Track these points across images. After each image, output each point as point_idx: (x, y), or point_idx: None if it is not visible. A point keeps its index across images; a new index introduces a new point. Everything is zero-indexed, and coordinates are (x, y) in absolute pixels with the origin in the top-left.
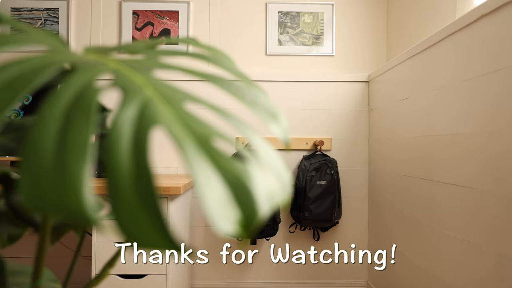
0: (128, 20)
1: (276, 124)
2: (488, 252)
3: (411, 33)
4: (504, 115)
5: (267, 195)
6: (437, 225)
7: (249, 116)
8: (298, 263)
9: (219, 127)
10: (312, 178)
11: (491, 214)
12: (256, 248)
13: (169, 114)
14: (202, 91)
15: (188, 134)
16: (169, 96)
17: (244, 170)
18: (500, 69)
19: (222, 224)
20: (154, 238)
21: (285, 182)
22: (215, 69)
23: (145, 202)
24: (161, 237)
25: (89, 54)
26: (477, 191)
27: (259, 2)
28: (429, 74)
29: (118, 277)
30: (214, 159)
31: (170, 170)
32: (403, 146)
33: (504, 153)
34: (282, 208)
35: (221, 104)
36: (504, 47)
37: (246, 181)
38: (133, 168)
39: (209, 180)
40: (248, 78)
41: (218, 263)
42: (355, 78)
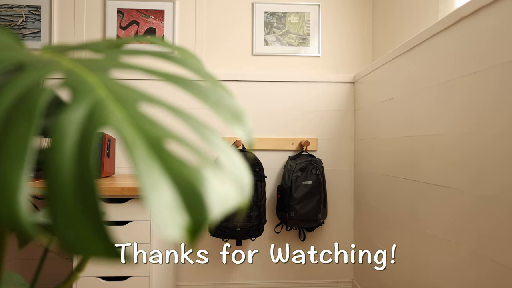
0: (112, 18)
1: (239, 126)
2: (467, 251)
3: (396, 34)
4: (482, 116)
5: (221, 200)
6: (419, 225)
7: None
8: (284, 264)
9: (179, 129)
10: (297, 178)
11: (470, 214)
12: (241, 249)
13: (121, 115)
14: (172, 92)
15: (139, 135)
16: (123, 97)
17: (197, 173)
18: (479, 70)
19: (168, 229)
20: (93, 244)
21: (244, 186)
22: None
23: (85, 207)
24: (101, 244)
25: (46, 53)
26: (458, 190)
27: (245, 2)
28: (411, 75)
29: (100, 280)
30: (164, 162)
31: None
32: (387, 147)
33: (482, 153)
34: (240, 210)
35: (188, 106)
36: (483, 49)
37: (198, 185)
38: (75, 171)
39: (156, 183)
40: (214, 78)
41: (203, 264)
42: (341, 79)
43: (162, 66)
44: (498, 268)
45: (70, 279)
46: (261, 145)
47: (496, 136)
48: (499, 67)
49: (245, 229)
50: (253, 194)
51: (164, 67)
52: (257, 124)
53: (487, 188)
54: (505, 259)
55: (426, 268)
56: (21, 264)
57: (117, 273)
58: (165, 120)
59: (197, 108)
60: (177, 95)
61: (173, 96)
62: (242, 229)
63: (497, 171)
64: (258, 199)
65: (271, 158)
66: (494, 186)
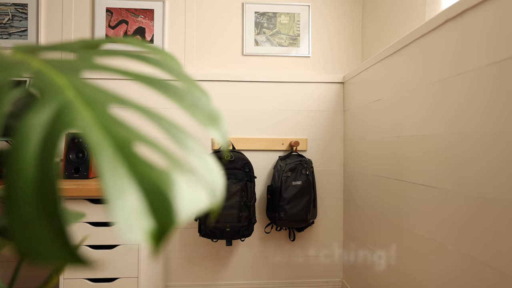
0: (101, 17)
1: (215, 128)
2: (452, 250)
3: (385, 35)
4: (467, 118)
5: (190, 203)
6: (406, 225)
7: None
8: (274, 264)
9: (152, 132)
10: (287, 178)
11: (455, 213)
12: (231, 249)
13: (89, 116)
14: (149, 94)
15: (106, 138)
16: (93, 98)
17: (165, 177)
18: (464, 72)
19: (131, 233)
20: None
21: (216, 189)
22: (160, 71)
23: (46, 212)
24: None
25: (16, 53)
26: (443, 191)
27: (235, 2)
28: (399, 76)
29: (87, 281)
30: (132, 165)
31: None
32: (376, 147)
33: (467, 154)
34: (212, 212)
35: (165, 107)
36: (467, 51)
37: (166, 188)
38: (36, 175)
39: (122, 186)
40: (191, 79)
41: (193, 265)
42: (331, 79)
43: (142, 68)
44: (483, 268)
45: (48, 282)
46: (251, 145)
47: (483, 137)
48: (488, 67)
49: (234, 229)
50: (242, 195)
51: (144, 69)
52: (247, 125)
53: (472, 189)
54: (490, 259)
55: (413, 267)
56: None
57: (105, 275)
58: (139, 123)
59: (173, 108)
60: (154, 97)
61: (150, 98)
62: (231, 229)
63: (483, 172)
64: (248, 199)
65: (261, 158)
66: (479, 187)
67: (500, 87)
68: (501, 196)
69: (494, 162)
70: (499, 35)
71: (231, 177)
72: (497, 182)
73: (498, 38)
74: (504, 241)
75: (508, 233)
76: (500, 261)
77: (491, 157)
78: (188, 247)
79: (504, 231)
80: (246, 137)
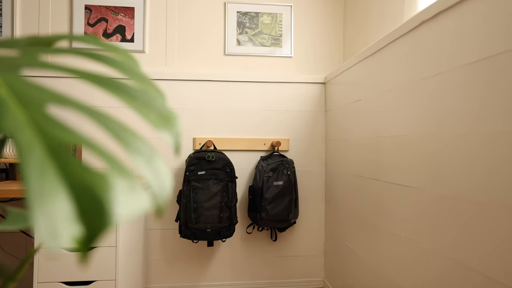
0: (79, 14)
1: (167, 129)
2: (427, 249)
3: (366, 35)
4: (442, 118)
5: (128, 207)
6: (384, 224)
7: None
8: (255, 264)
9: (99, 133)
10: (269, 178)
11: (429, 213)
12: (212, 250)
13: (21, 116)
14: (100, 94)
15: (38, 139)
16: (29, 97)
17: (101, 180)
18: (439, 73)
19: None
20: None
21: (161, 192)
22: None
23: None
24: None
25: None
26: (419, 190)
27: (217, 1)
28: (378, 76)
29: (62, 285)
30: (63, 167)
31: None
32: (356, 147)
33: (440, 153)
34: (158, 215)
35: (118, 105)
36: (442, 52)
37: (100, 192)
38: None
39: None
40: (146, 78)
41: (174, 266)
42: (313, 80)
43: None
44: (455, 266)
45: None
46: (233, 145)
47: (455, 137)
48: (460, 69)
49: (215, 230)
50: (224, 195)
51: (102, 69)
52: (229, 125)
53: (446, 188)
54: (462, 257)
55: (392, 266)
56: None
57: (81, 277)
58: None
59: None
60: (106, 97)
61: (106, 100)
62: (212, 230)
63: (456, 172)
64: (229, 199)
65: (243, 158)
66: (453, 186)
67: (470, 89)
68: (475, 196)
69: (467, 162)
70: (472, 38)
71: (212, 177)
72: (471, 181)
73: (471, 41)
74: (473, 238)
75: (477, 230)
76: (469, 257)
77: (467, 157)
78: (168, 248)
79: (472, 227)
80: (227, 137)
